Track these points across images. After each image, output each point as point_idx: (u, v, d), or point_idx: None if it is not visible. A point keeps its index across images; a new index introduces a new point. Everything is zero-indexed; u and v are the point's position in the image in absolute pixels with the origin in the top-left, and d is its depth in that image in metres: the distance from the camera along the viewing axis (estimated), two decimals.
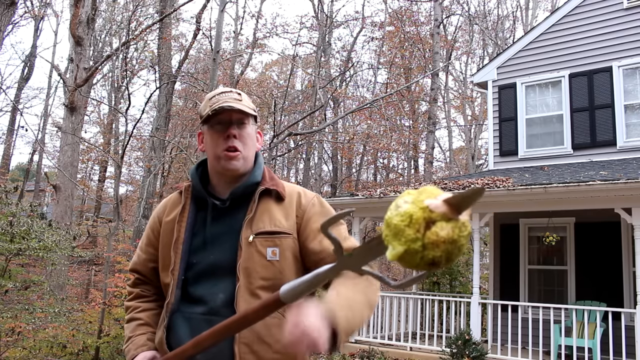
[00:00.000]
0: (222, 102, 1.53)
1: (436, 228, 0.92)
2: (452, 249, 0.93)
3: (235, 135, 1.53)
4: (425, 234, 0.92)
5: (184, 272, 1.53)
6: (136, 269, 1.70)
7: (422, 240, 0.92)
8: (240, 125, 1.55)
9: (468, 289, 12.26)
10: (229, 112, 1.53)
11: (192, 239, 1.55)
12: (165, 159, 17.93)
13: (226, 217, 1.55)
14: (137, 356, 1.50)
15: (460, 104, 23.26)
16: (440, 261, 0.93)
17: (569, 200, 7.27)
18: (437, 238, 0.91)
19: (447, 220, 0.92)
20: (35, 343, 7.91)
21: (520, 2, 22.88)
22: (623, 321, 7.03)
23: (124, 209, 23.02)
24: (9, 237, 7.13)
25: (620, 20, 9.03)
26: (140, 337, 1.56)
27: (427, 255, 0.92)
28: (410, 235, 0.93)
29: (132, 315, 1.63)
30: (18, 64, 38.71)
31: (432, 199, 0.94)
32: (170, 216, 1.62)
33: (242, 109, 1.53)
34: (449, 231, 0.92)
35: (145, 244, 1.68)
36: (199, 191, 1.59)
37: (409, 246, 0.93)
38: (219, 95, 1.56)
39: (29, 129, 33.89)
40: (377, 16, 23.23)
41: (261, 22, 21.86)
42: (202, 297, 1.48)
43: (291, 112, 19.67)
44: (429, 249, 0.92)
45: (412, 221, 0.93)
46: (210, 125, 1.56)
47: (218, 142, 1.54)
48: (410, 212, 0.94)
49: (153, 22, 15.95)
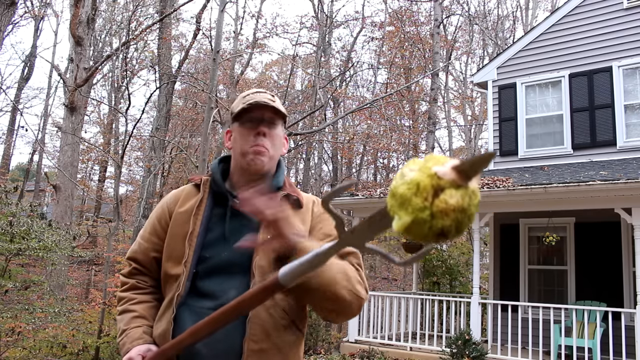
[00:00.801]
0: (257, 99, 1.55)
1: (445, 196, 0.88)
2: (462, 217, 0.88)
3: (265, 133, 1.55)
4: (434, 202, 0.87)
5: (195, 265, 1.52)
6: (135, 257, 1.66)
7: (431, 209, 0.87)
8: (271, 125, 1.57)
9: (468, 289, 12.26)
10: (262, 109, 1.56)
11: (206, 233, 1.55)
12: (165, 159, 17.94)
13: (245, 215, 1.52)
14: (131, 350, 1.47)
15: (460, 104, 23.26)
16: (449, 231, 0.89)
17: (569, 200, 7.27)
18: (447, 206, 0.87)
19: (456, 187, 0.88)
20: (35, 343, 7.91)
21: (520, 2, 22.90)
22: (623, 321, 7.03)
23: (124, 209, 23.02)
24: (9, 237, 7.13)
25: (620, 20, 9.03)
26: (135, 330, 1.53)
27: (436, 224, 0.88)
28: (418, 204, 0.88)
29: (126, 306, 1.60)
30: (18, 64, 38.74)
31: (439, 166, 0.90)
32: (184, 207, 1.61)
33: (276, 107, 1.56)
34: (458, 199, 0.87)
35: (149, 233, 1.66)
36: (219, 186, 1.60)
37: (416, 215, 0.88)
38: (253, 94, 1.59)
39: (29, 129, 33.91)
40: (377, 16, 23.26)
41: (261, 22, 21.86)
42: (213, 292, 1.48)
43: (291, 112, 19.66)
44: (437, 218, 0.87)
45: (420, 189, 0.88)
46: (242, 122, 1.58)
47: (247, 138, 1.56)
48: (417, 179, 0.89)
49: (153, 22, 15.95)
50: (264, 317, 1.43)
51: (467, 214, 0.89)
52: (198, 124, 19.29)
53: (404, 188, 0.90)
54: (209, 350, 1.41)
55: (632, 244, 7.53)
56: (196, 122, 19.64)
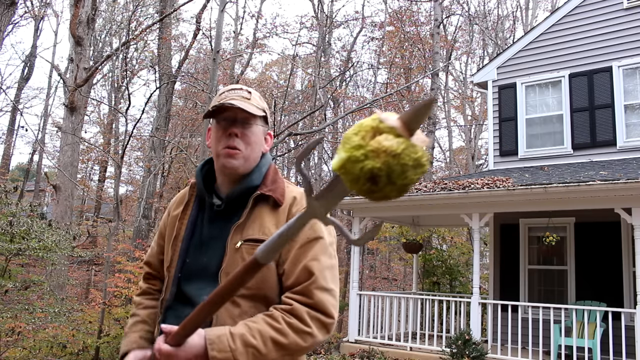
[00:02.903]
0: (229, 99, 1.49)
1: (381, 137, 0.89)
2: (394, 164, 0.88)
3: (237, 134, 1.50)
4: (369, 142, 0.89)
5: (180, 270, 1.52)
6: (149, 261, 1.71)
7: (365, 148, 0.89)
8: (245, 125, 1.51)
9: (468, 289, 12.26)
10: (234, 109, 1.49)
11: (191, 237, 1.55)
12: (165, 159, 17.93)
13: (221, 219, 1.53)
14: (127, 353, 1.50)
15: (460, 104, 23.26)
16: (379, 175, 0.89)
17: (569, 200, 7.26)
18: (379, 146, 0.88)
19: (395, 134, 0.89)
20: (35, 343, 7.91)
21: (520, 2, 22.90)
22: (623, 321, 7.02)
23: (124, 209, 23.01)
24: (9, 237, 7.13)
25: (620, 20, 9.03)
26: (133, 334, 1.56)
27: (367, 165, 0.88)
28: (355, 142, 0.90)
29: (134, 311, 1.65)
30: (18, 64, 38.73)
31: (387, 115, 0.91)
32: (176, 211, 1.63)
33: (247, 109, 1.48)
34: (393, 143, 0.88)
35: (157, 237, 1.70)
36: (200, 190, 1.58)
37: (351, 153, 0.90)
38: (228, 92, 1.53)
39: (29, 129, 33.88)
40: (377, 16, 23.27)
41: (261, 22, 21.85)
42: (191, 297, 1.48)
43: (291, 112, 19.67)
44: (369, 158, 0.88)
45: (360, 129, 0.91)
46: (217, 121, 1.54)
47: (220, 139, 1.51)
48: (362, 122, 0.92)
49: (153, 22, 15.95)
50: (229, 325, 1.38)
51: (400, 162, 0.88)
52: (198, 124, 19.29)
53: (349, 130, 0.93)
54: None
55: (632, 244, 7.53)
56: (196, 122, 19.63)
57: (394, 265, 21.05)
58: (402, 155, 0.88)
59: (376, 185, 0.90)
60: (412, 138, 0.90)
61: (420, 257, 12.20)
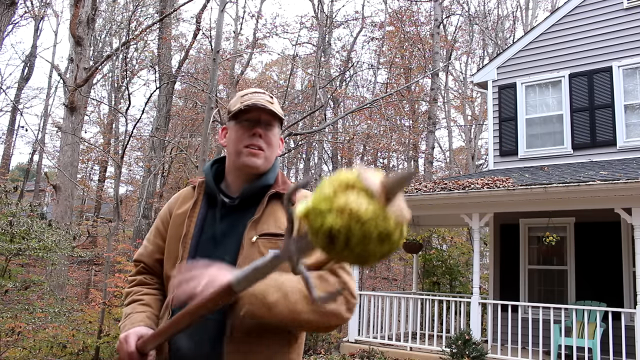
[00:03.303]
0: (255, 100, 1.55)
1: (351, 196, 0.81)
2: (355, 229, 0.79)
3: (261, 134, 1.55)
4: (339, 197, 0.82)
5: None
6: (141, 260, 1.69)
7: (332, 203, 0.81)
8: (268, 127, 1.57)
9: (468, 289, 12.27)
10: (259, 111, 1.55)
11: (200, 235, 1.55)
12: (165, 159, 17.93)
13: (234, 216, 1.55)
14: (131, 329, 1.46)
15: (460, 104, 23.26)
16: (337, 237, 0.80)
17: (569, 200, 7.26)
18: (344, 205, 0.80)
19: (369, 197, 0.81)
20: (35, 343, 7.91)
21: (520, 2, 22.89)
22: (623, 321, 7.03)
23: (124, 209, 23.02)
24: (9, 237, 7.13)
25: (620, 20, 9.03)
26: (138, 314, 1.53)
27: (327, 221, 0.80)
28: (325, 193, 0.83)
29: (133, 297, 1.61)
30: (18, 64, 38.73)
31: (371, 173, 0.83)
32: (181, 209, 1.63)
33: (274, 110, 1.55)
34: (361, 206, 0.80)
35: (154, 236, 1.69)
36: (211, 187, 1.60)
37: (317, 204, 0.83)
38: (252, 94, 1.58)
39: (29, 129, 33.89)
40: (377, 16, 23.27)
41: (261, 22, 21.85)
42: None
43: (291, 112, 19.66)
44: (332, 214, 0.80)
45: (336, 180, 0.84)
46: (238, 121, 1.57)
47: (243, 137, 1.55)
48: (340, 172, 0.85)
49: (153, 22, 15.95)
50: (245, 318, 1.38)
51: (363, 227, 0.79)
52: (198, 124, 19.29)
53: (329, 178, 0.87)
54: (192, 351, 1.42)
55: (632, 244, 7.53)
56: (196, 122, 19.64)
57: (394, 265, 21.04)
58: (367, 223, 0.80)
59: (333, 244, 0.83)
60: (389, 206, 0.81)
61: (420, 257, 12.20)
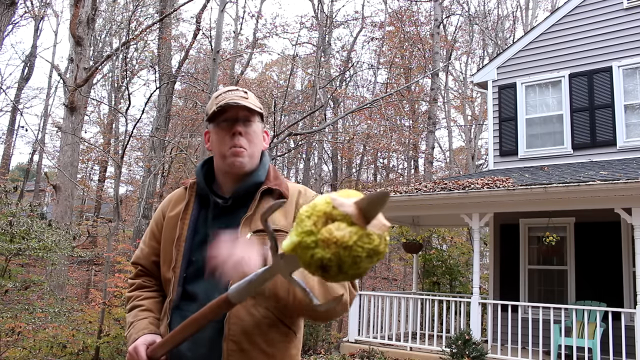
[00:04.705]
0: (228, 100, 1.53)
1: (332, 226, 0.83)
2: (345, 256, 0.82)
3: (241, 132, 1.54)
4: (321, 229, 0.83)
5: (185, 269, 1.53)
6: (139, 262, 1.70)
7: (316, 236, 0.83)
8: (246, 123, 1.56)
9: (468, 289, 12.26)
10: (235, 109, 1.54)
11: (194, 236, 1.55)
12: (165, 159, 17.93)
13: (227, 215, 1.55)
14: (137, 339, 1.48)
15: (460, 104, 23.25)
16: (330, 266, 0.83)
17: (569, 200, 7.26)
18: (329, 237, 0.82)
19: (349, 223, 0.82)
20: (35, 343, 7.91)
21: (520, 2, 22.89)
22: (623, 321, 7.03)
23: (124, 209, 23.01)
24: (9, 237, 7.13)
25: (620, 20, 9.03)
26: (141, 321, 1.54)
27: (317, 254, 0.83)
28: (307, 227, 0.85)
29: (134, 303, 1.62)
30: (18, 64, 38.73)
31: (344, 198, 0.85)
32: (173, 212, 1.63)
33: (248, 106, 1.54)
34: (345, 233, 0.82)
35: (149, 238, 1.69)
36: (203, 189, 1.60)
37: (302, 238, 0.85)
38: (225, 93, 1.57)
39: (29, 129, 33.87)
40: (377, 16, 23.26)
41: (261, 22, 21.87)
42: (197, 295, 1.48)
43: (291, 112, 19.66)
44: (319, 247, 0.83)
45: (314, 213, 0.85)
46: (217, 123, 1.57)
47: (224, 140, 1.55)
48: (316, 203, 0.86)
49: (153, 22, 15.95)
50: (243, 316, 1.41)
51: (352, 254, 0.82)
52: (198, 124, 19.29)
53: (303, 209, 0.88)
54: (192, 351, 1.44)
55: (632, 244, 7.53)
56: (196, 122, 19.63)
57: (394, 265, 21.04)
58: (354, 248, 0.82)
59: (327, 273, 0.85)
60: (369, 225, 0.83)
61: (420, 257, 12.20)
